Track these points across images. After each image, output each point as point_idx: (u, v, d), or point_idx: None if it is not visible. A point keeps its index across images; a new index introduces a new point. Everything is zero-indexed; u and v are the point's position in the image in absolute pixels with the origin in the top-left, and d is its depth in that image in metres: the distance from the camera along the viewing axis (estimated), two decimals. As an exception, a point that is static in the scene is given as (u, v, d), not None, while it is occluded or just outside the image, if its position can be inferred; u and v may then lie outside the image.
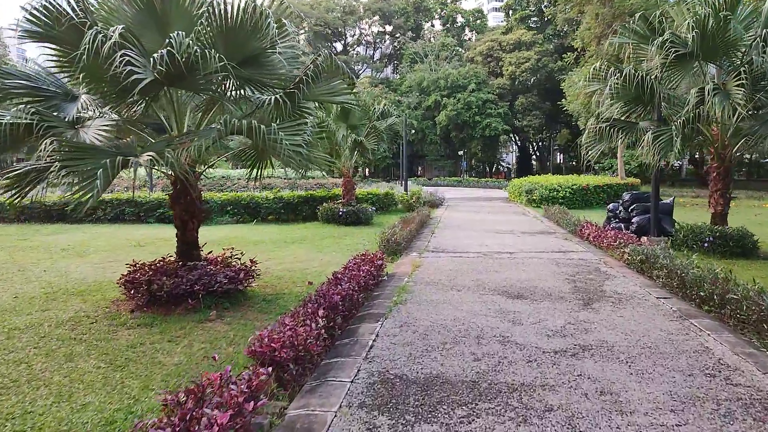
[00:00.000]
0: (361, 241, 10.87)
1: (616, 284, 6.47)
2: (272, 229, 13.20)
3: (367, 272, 6.08)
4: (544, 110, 49.20)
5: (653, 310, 5.32)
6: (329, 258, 8.87)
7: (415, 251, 9.18)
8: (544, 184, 20.16)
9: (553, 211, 15.06)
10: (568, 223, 12.14)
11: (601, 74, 9.31)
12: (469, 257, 8.50)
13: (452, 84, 48.31)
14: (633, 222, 9.90)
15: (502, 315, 5.16)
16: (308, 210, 15.13)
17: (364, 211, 13.96)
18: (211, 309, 5.57)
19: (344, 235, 11.81)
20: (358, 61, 70.51)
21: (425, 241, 10.49)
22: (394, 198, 17.96)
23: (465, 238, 10.82)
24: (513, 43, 50.22)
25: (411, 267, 7.64)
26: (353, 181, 15.09)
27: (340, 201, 14.54)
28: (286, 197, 15.14)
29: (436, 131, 49.11)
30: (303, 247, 10.19)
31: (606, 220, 11.42)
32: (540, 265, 7.78)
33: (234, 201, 14.89)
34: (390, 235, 9.10)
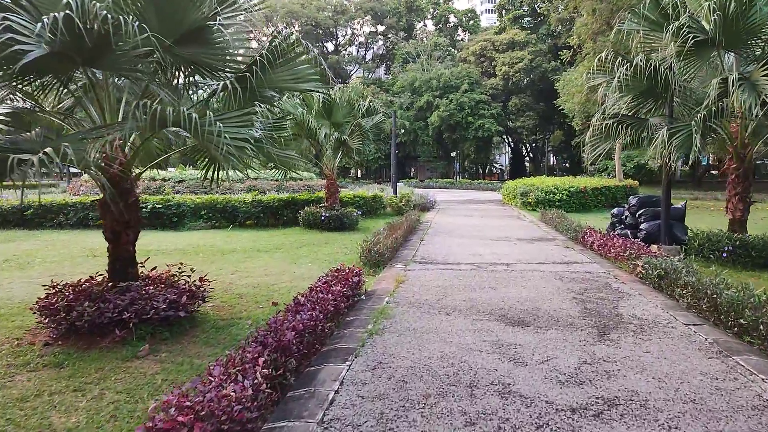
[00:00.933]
0: (342, 249, 9.86)
1: (633, 305, 5.51)
2: (248, 235, 12.15)
3: (338, 294, 5.07)
4: (538, 111, 48.48)
5: (685, 342, 4.36)
6: (303, 270, 7.85)
7: (400, 262, 8.19)
8: (540, 187, 19.26)
9: (551, 216, 14.13)
10: (568, 229, 11.21)
11: (607, 65, 8.37)
12: (460, 270, 7.51)
13: (445, 84, 47.47)
14: (641, 229, 8.98)
15: (500, 350, 4.17)
16: (290, 214, 14.10)
17: (348, 216, 12.95)
18: (144, 341, 4.55)
19: (324, 243, 10.80)
20: (350, 62, 69.67)
21: (412, 250, 9.50)
22: (382, 201, 16.97)
23: (456, 247, 9.84)
24: (506, 43, 49.47)
25: (394, 283, 6.64)
26: (337, 183, 14.07)
27: (322, 205, 13.53)
28: (266, 200, 14.09)
29: (428, 132, 48.23)
30: (277, 256, 9.16)
31: (609, 226, 10.49)
32: (541, 279, 6.81)
33: (208, 204, 13.83)
34: (372, 245, 8.10)
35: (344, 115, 12.69)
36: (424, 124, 48.41)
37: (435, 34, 62.58)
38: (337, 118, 12.75)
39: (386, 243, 8.45)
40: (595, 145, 8.57)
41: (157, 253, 9.46)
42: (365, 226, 14.09)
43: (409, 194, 18.01)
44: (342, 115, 12.69)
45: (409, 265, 7.99)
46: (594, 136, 8.47)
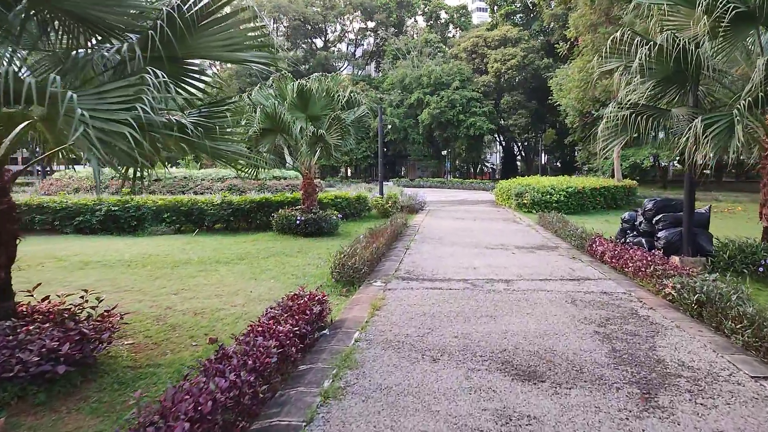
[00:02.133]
0: (315, 261, 8.53)
1: (675, 345, 4.26)
2: (212, 242, 10.78)
3: (288, 335, 3.77)
4: (530, 109, 47.44)
5: (765, 411, 3.11)
6: (262, 290, 6.53)
7: (380, 278, 6.89)
8: (536, 187, 18.05)
9: (550, 219, 12.92)
10: (572, 236, 9.99)
11: (623, 48, 7.12)
12: (451, 290, 6.22)
13: (435, 81, 46.23)
14: (659, 237, 7.75)
15: (508, 428, 2.89)
16: (263, 217, 12.74)
17: (326, 220, 11.63)
18: (2, 410, 3.22)
19: (297, 252, 9.47)
20: (339, 58, 68.31)
21: (396, 261, 8.20)
22: (366, 203, 15.65)
23: (447, 257, 8.57)
24: (498, 39, 48.35)
25: (369, 308, 5.34)
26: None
27: (298, 207, 12.19)
28: (236, 202, 12.72)
29: (418, 130, 47.00)
30: (237, 270, 7.82)
31: (620, 233, 9.27)
32: (550, 303, 5.54)
33: (172, 207, 12.43)
34: (346, 258, 6.80)
35: (322, 107, 11.36)
36: (415, 122, 47.18)
37: (426, 30, 61.35)
38: (314, 110, 11.41)
39: (364, 255, 7.15)
40: (608, 138, 7.33)
41: (96, 265, 8.08)
42: (346, 230, 12.78)
43: (396, 195, 16.71)
44: (320, 108, 11.35)
45: (390, 281, 6.69)
46: (608, 129, 7.22)
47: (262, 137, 11.08)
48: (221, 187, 28.77)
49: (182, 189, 28.41)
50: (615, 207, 19.73)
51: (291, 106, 11.24)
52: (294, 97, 11.02)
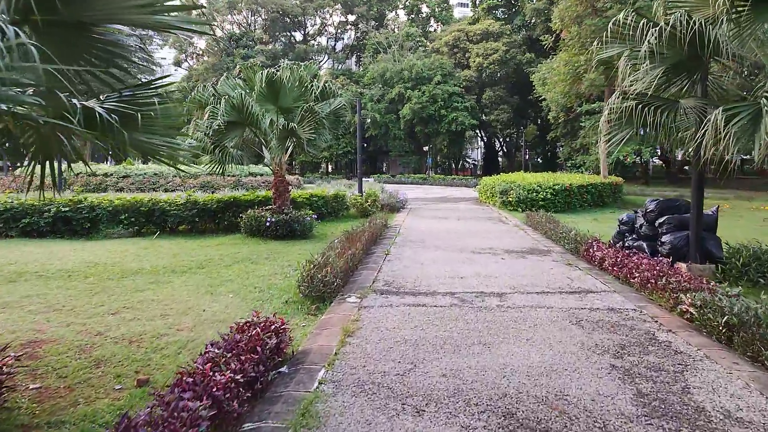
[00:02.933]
0: (284, 269, 7.62)
1: (711, 383, 3.48)
2: (172, 246, 9.77)
3: (229, 386, 2.88)
4: (512, 105, 47.00)
5: None
6: (219, 307, 5.61)
7: (355, 291, 6.03)
8: (521, 184, 17.37)
9: (538, 219, 12.21)
10: (565, 238, 9.26)
11: (627, 32, 6.36)
12: (436, 307, 5.39)
13: (417, 75, 45.42)
14: (663, 241, 7.05)
15: None
16: (232, 218, 11.75)
17: (300, 221, 10.70)
18: None
19: (265, 258, 8.54)
20: (319, 52, 67.00)
21: (374, 269, 7.34)
22: (344, 201, 14.74)
23: (430, 264, 7.74)
24: (480, 33, 47.73)
25: (340, 334, 4.48)
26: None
27: (269, 207, 11.22)
28: (202, 202, 11.69)
29: (399, 125, 46.16)
30: (195, 280, 6.87)
31: (616, 236, 8.56)
32: (552, 325, 4.75)
33: (130, 207, 11.34)
34: (317, 269, 5.91)
35: (294, 98, 10.40)
36: (396, 117, 46.34)
37: (407, 24, 60.42)
38: (285, 101, 10.45)
39: (337, 265, 6.27)
40: (611, 132, 6.57)
41: (31, 277, 7.04)
42: (322, 232, 11.88)
43: (375, 193, 15.84)
44: (291, 99, 10.39)
45: (367, 296, 5.82)
46: (612, 123, 6.46)
47: (228, 131, 10.09)
48: (194, 185, 27.53)
49: (153, 186, 27.07)
50: (602, 205, 19.20)
51: (260, 97, 10.26)
52: (263, 87, 10.04)
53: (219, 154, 10.22)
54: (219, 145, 10.19)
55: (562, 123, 38.64)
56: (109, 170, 27.10)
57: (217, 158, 10.31)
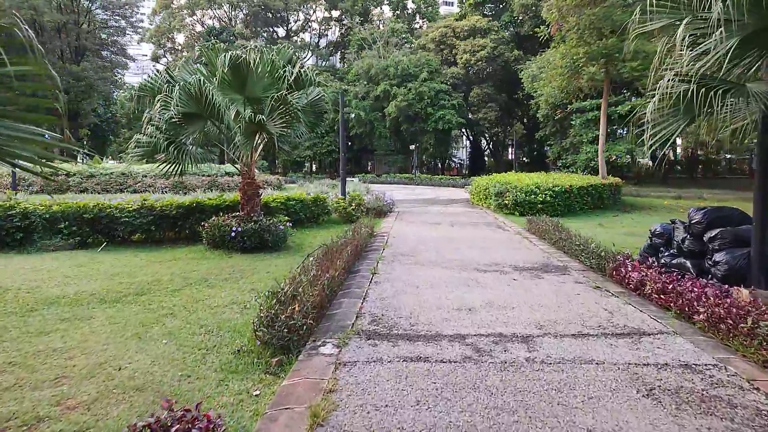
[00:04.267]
0: (246, 295, 6.08)
1: None
2: (117, 262, 8.15)
3: None
4: (500, 103, 45.86)
5: None
6: (144, 362, 4.06)
7: (332, 335, 4.52)
8: (518, 186, 16.01)
9: (543, 225, 10.83)
10: (583, 251, 7.87)
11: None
12: (443, 362, 3.89)
13: (403, 72, 44.00)
14: (718, 260, 5.68)
15: None
16: (195, 225, 10.13)
17: (271, 230, 9.15)
18: None
19: (225, 279, 6.98)
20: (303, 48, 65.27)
21: (358, 296, 5.84)
22: (325, 205, 13.20)
23: (428, 288, 6.26)
24: (467, 29, 46.46)
25: (305, 422, 2.98)
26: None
27: (236, 214, 9.64)
28: (159, 207, 10.06)
29: (385, 123, 44.71)
30: (125, 315, 5.30)
31: (647, 249, 7.20)
32: (615, 397, 3.30)
33: (72, 213, 9.65)
34: (281, 306, 4.39)
35: (265, 87, 8.85)
36: (381, 115, 44.88)
37: (392, 19, 59.00)
38: (254, 90, 8.89)
39: (309, 296, 4.76)
40: (663, 122, 5.17)
41: None
42: (299, 242, 10.34)
43: (360, 196, 14.33)
44: (261, 87, 8.84)
45: (347, 342, 4.33)
46: (660, 111, 5.06)
47: (185, 125, 8.50)
48: (166, 185, 25.69)
49: (120, 187, 25.15)
50: (602, 207, 17.97)
51: (223, 85, 8.69)
52: (226, 73, 8.46)
53: (174, 152, 8.61)
54: (174, 141, 8.60)
55: (551, 122, 37.56)
56: (72, 169, 25.08)
57: (172, 157, 8.70)
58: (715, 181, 37.84)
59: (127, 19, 48.69)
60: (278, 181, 30.35)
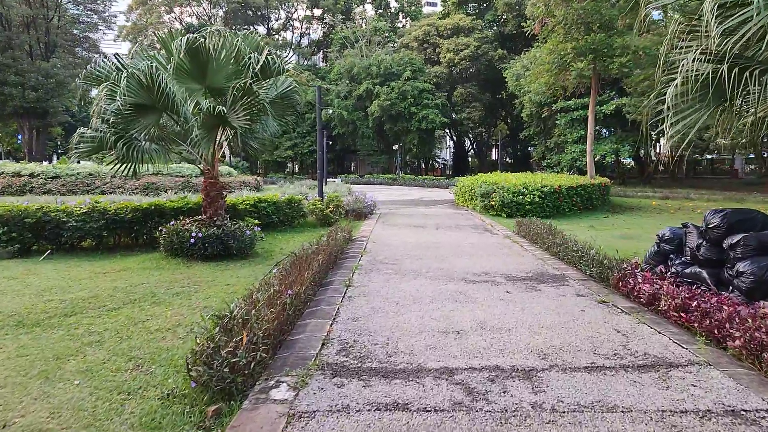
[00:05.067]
0: (195, 314, 5.13)
1: None
2: (55, 274, 7.13)
3: None
4: (484, 102, 45.31)
5: None
6: (42, 412, 3.12)
7: (290, 371, 3.63)
8: (505, 186, 15.28)
9: (534, 228, 10.08)
10: (580, 258, 7.11)
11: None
12: (426, 412, 3.02)
13: (385, 71, 43.20)
14: (742, 271, 4.94)
15: None
16: (154, 230, 9.12)
17: (236, 236, 8.21)
18: None
19: (176, 293, 6.04)
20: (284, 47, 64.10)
21: (326, 317, 4.95)
22: (300, 208, 12.25)
23: (410, 305, 5.41)
24: (451, 28, 45.88)
25: None
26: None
27: (198, 218, 8.68)
28: (113, 210, 9.04)
29: (368, 123, 43.81)
30: (42, 343, 4.35)
31: (653, 256, 6.45)
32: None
33: (11, 218, 8.58)
34: (224, 336, 3.50)
35: (228, 75, 7.92)
36: (364, 115, 43.99)
37: (375, 18, 58.19)
38: (216, 80, 7.96)
39: (263, 323, 3.87)
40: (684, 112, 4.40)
41: None
42: (269, 248, 9.41)
43: (339, 197, 13.43)
44: (224, 76, 7.91)
45: (307, 383, 3.44)
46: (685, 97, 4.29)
47: (136, 117, 7.52)
48: (136, 186, 24.43)
49: (87, 188, 23.81)
50: (591, 208, 17.35)
51: (181, 73, 7.73)
52: (183, 60, 7.51)
53: (123, 148, 7.62)
54: (123, 136, 7.61)
55: (536, 121, 37.11)
56: (36, 169, 23.66)
57: (121, 154, 7.71)
58: (696, 181, 37.80)
59: (100, 15, 46.97)
60: (257, 182, 29.24)
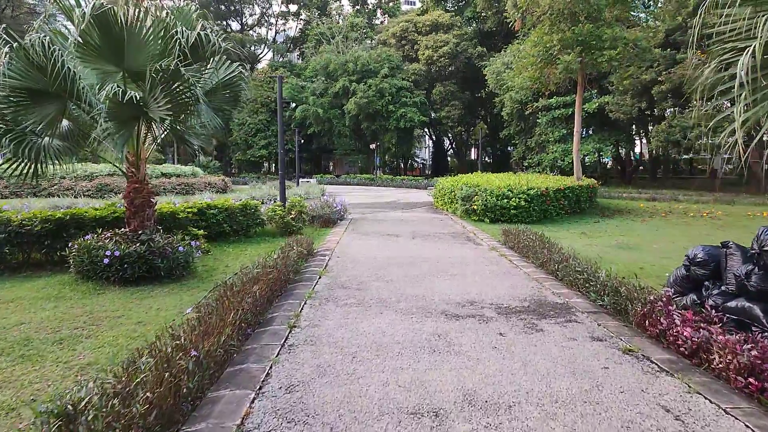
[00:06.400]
0: (69, 381, 3.61)
1: None
2: None
3: None
4: (463, 101, 44.14)
5: None
6: None
7: None
8: (488, 189, 13.96)
9: (524, 239, 8.76)
10: (586, 281, 5.77)
11: None
12: None
13: (363, 68, 41.71)
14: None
15: None
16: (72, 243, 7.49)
17: (167, 252, 6.66)
18: None
19: (61, 340, 4.45)
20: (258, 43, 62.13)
21: (247, 389, 3.45)
22: (257, 214, 10.68)
23: (369, 361, 3.95)
24: (429, 24, 44.66)
25: None
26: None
27: (121, 231, 7.08)
28: (18, 221, 7.38)
29: (345, 121, 42.26)
30: None
31: (680, 281, 5.14)
32: None
33: None
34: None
35: (153, 57, 6.35)
36: (341, 113, 42.43)
37: (352, 14, 56.62)
38: (137, 61, 6.37)
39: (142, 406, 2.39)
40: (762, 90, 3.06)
41: None
42: (213, 266, 7.85)
43: (302, 202, 11.88)
44: (146, 57, 6.33)
45: None
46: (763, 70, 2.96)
47: (30, 106, 5.91)
48: (88, 187, 22.44)
49: (33, 190, 21.74)
50: (579, 212, 16.20)
51: (88, 51, 6.13)
52: (90, 32, 5.92)
53: (11, 145, 5.98)
54: (13, 130, 5.99)
55: (516, 120, 36.12)
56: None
57: (12, 152, 6.08)
58: (677, 181, 37.32)
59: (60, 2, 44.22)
60: (224, 183, 27.46)
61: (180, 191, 23.80)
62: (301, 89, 44.92)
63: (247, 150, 49.71)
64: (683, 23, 24.16)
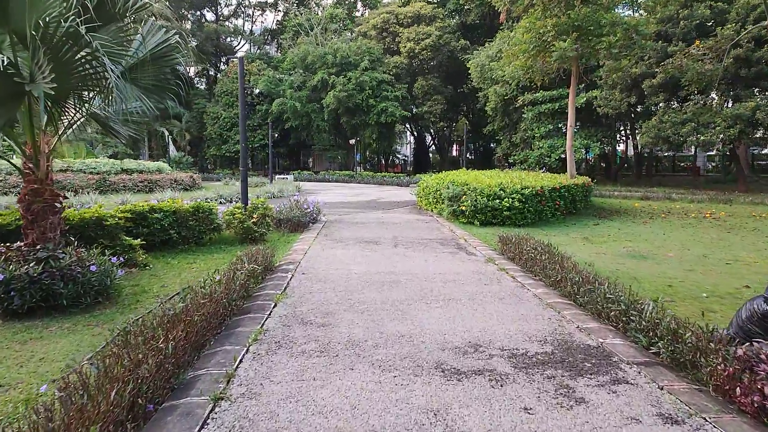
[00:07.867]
0: None
1: None
2: None
3: None
4: (446, 95, 42.80)
5: None
6: None
7: None
8: (478, 188, 12.55)
9: (526, 249, 7.36)
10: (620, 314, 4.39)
11: None
12: None
13: (342, 60, 40.03)
14: None
15: None
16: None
17: (71, 275, 5.06)
18: None
19: None
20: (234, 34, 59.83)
21: None
22: (212, 218, 9.06)
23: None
24: (411, 16, 43.16)
25: None
26: (52, 188, 5.98)
27: (13, 246, 5.44)
28: None
29: (323, 116, 40.55)
30: None
31: (757, 322, 3.80)
32: None
33: None
34: None
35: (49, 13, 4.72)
36: (319, 107, 40.71)
37: (332, 5, 54.83)
38: (25, 19, 4.74)
39: None
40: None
41: None
42: (145, 286, 6.24)
43: (266, 204, 10.25)
44: (40, 12, 4.70)
45: None
46: None
47: None
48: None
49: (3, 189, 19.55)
50: (575, 212, 14.95)
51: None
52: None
53: None
54: None
55: (500, 115, 34.90)
56: None
57: None
58: (662, 179, 36.66)
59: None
60: (192, 180, 25.59)
61: (141, 189, 21.91)
62: (279, 82, 43.04)
63: (222, 145, 47.58)
64: (675, 14, 23.16)
